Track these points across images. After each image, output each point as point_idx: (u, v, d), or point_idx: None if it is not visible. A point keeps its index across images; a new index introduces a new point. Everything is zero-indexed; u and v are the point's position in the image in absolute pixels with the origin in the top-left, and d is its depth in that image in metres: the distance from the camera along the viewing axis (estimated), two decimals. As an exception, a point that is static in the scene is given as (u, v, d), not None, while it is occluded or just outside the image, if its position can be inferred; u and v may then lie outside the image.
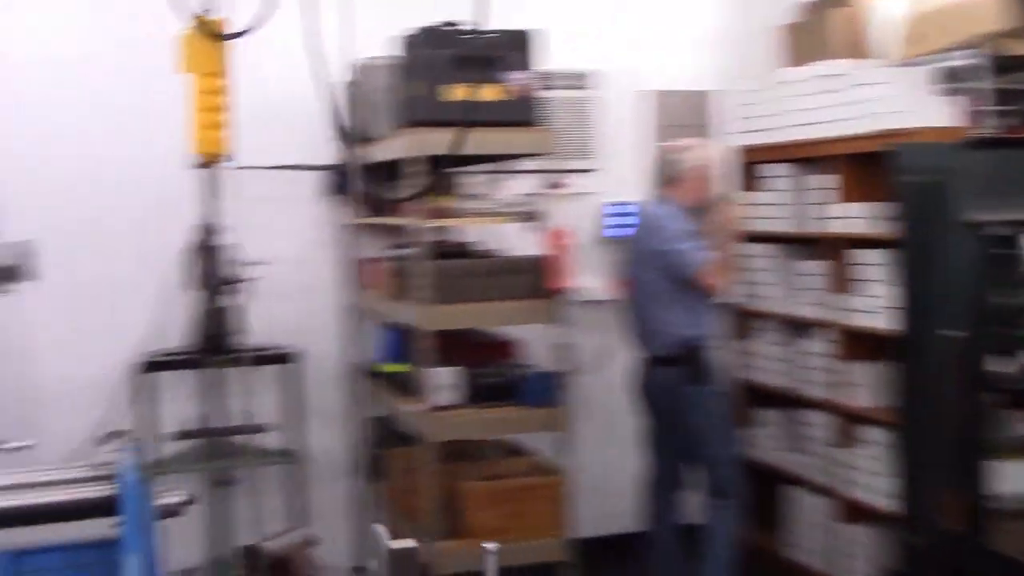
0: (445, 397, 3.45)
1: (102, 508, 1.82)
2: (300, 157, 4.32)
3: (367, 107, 3.87)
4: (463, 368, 3.53)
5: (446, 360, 3.53)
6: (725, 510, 3.75)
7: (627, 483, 4.20)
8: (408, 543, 1.89)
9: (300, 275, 4.35)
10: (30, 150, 4.02)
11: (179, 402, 4.10)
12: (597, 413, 4.54)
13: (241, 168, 4.13)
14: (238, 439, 3.94)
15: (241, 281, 3.89)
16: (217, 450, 3.87)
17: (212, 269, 3.81)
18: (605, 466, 4.56)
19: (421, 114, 3.48)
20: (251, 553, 1.85)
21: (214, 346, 3.77)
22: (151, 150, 4.02)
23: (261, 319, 4.19)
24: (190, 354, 3.75)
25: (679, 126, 4.83)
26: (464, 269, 3.48)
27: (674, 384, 3.74)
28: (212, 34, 3.56)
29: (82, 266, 4.10)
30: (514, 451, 3.93)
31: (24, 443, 3.07)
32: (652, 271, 3.74)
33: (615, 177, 4.79)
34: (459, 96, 3.47)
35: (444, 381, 3.45)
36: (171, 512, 1.96)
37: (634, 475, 4.10)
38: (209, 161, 3.74)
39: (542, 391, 3.53)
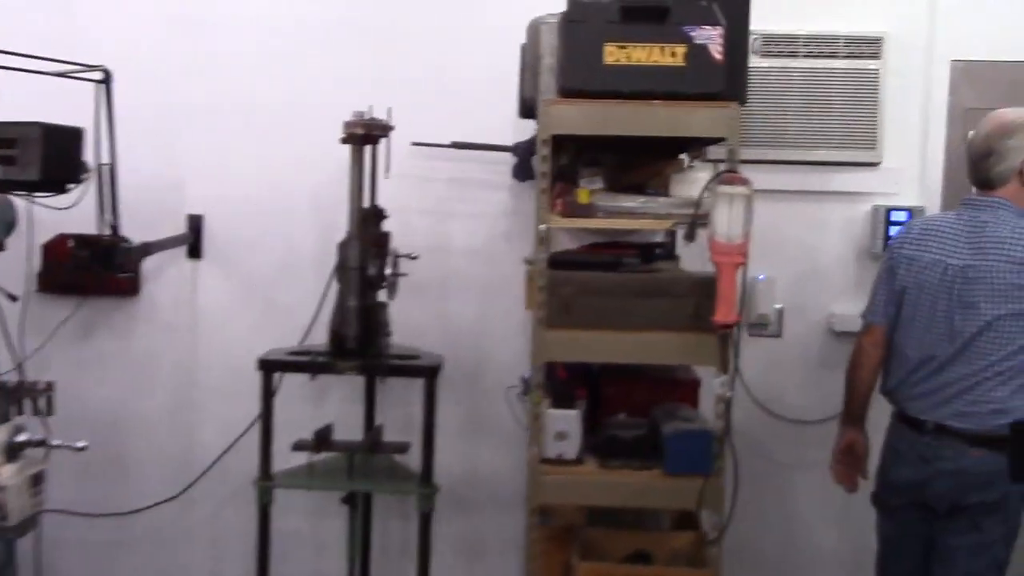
0: (557, 448, 2.68)
1: None
2: (495, 135, 3.69)
3: (535, 75, 3.15)
4: (585, 412, 2.73)
5: (581, 398, 2.77)
6: None
7: None
8: None
9: (478, 271, 3.77)
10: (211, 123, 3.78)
11: (316, 407, 3.70)
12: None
13: (417, 145, 3.64)
14: (372, 456, 3.42)
15: (393, 275, 3.37)
16: (346, 467, 3.38)
17: (360, 260, 3.31)
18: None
19: (573, 82, 2.71)
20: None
21: (345, 349, 3.28)
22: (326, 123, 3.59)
23: (425, 319, 3.71)
24: (317, 356, 3.29)
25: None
26: (583, 285, 2.66)
27: (994, 476, 2.62)
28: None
29: (253, 247, 3.81)
30: (690, 523, 3.03)
31: (78, 444, 2.79)
32: (986, 317, 2.62)
33: (903, 175, 3.69)
34: (620, 59, 2.66)
35: (557, 427, 2.68)
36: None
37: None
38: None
39: (690, 454, 2.64)
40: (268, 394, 3.30)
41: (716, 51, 2.65)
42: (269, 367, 3.29)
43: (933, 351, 2.70)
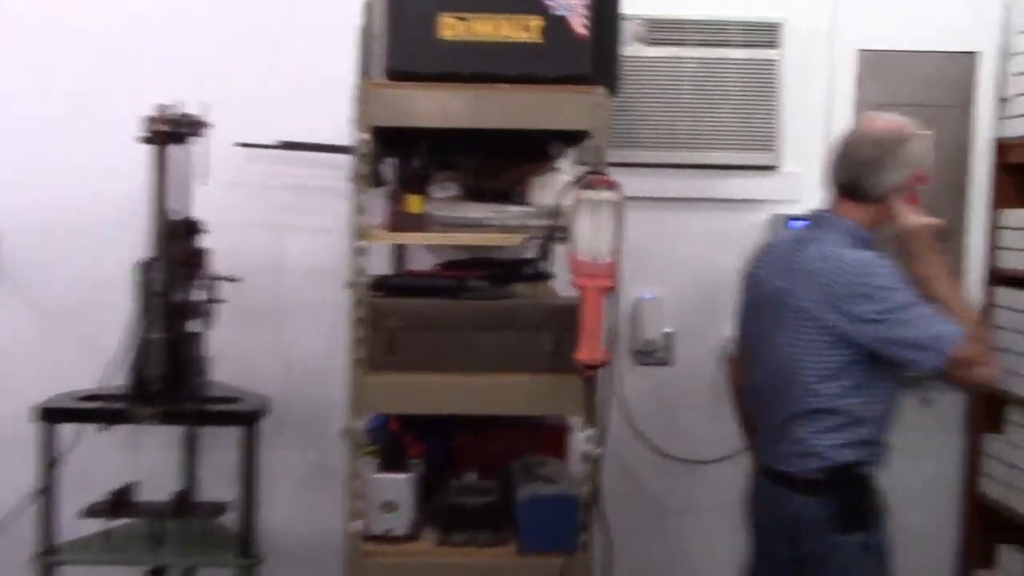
0: (384, 522, 2.14)
1: None
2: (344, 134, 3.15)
3: (369, 59, 2.63)
4: (423, 474, 2.20)
5: (417, 456, 2.24)
6: None
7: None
8: None
9: (323, 295, 3.21)
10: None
11: (133, 454, 3.12)
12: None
13: (241, 146, 3.08)
14: (186, 520, 2.85)
15: (209, 302, 2.81)
16: (149, 534, 2.80)
17: (164, 284, 2.75)
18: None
19: (400, 62, 2.19)
20: None
21: (147, 392, 2.71)
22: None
23: (258, 352, 3.16)
24: (110, 401, 2.71)
25: (903, 106, 3.18)
26: (411, 317, 2.13)
27: (818, 524, 2.21)
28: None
29: (52, 269, 3.22)
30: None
31: None
32: (806, 345, 2.20)
33: (804, 180, 3.26)
34: (459, 33, 2.15)
35: (384, 496, 2.14)
36: None
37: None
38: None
39: (549, 525, 2.12)
40: (49, 448, 2.72)
41: (579, 25, 2.16)
42: (50, 416, 2.71)
43: (759, 381, 2.35)
